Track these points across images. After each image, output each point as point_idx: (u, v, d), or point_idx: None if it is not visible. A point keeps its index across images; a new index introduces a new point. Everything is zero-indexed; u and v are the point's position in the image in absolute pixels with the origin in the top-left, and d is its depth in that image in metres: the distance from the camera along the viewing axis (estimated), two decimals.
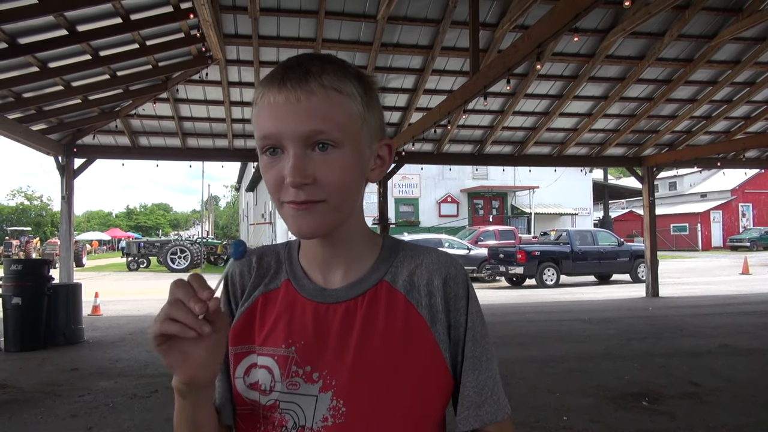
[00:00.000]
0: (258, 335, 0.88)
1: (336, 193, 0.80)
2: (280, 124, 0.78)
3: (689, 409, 4.63)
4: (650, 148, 12.61)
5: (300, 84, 0.78)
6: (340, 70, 0.81)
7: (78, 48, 7.05)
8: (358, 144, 0.82)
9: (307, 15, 7.64)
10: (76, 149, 10.23)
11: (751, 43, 9.04)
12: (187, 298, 0.70)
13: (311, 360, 0.84)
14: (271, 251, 0.96)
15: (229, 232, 59.34)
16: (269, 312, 0.89)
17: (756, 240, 32.79)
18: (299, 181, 0.77)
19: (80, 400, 5.01)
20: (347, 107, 0.80)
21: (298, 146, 0.78)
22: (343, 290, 0.87)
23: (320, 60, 0.81)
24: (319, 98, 0.78)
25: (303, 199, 0.79)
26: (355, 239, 0.89)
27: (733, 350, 6.90)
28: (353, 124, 0.81)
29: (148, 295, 15.21)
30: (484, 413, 0.86)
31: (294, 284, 0.90)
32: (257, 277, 0.92)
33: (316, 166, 0.78)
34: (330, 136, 0.78)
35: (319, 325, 0.85)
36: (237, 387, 0.88)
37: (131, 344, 7.69)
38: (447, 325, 0.86)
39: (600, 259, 16.57)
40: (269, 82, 0.80)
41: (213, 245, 30.55)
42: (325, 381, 0.83)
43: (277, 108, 0.78)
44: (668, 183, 40.92)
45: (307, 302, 0.87)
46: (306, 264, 0.91)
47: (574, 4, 4.28)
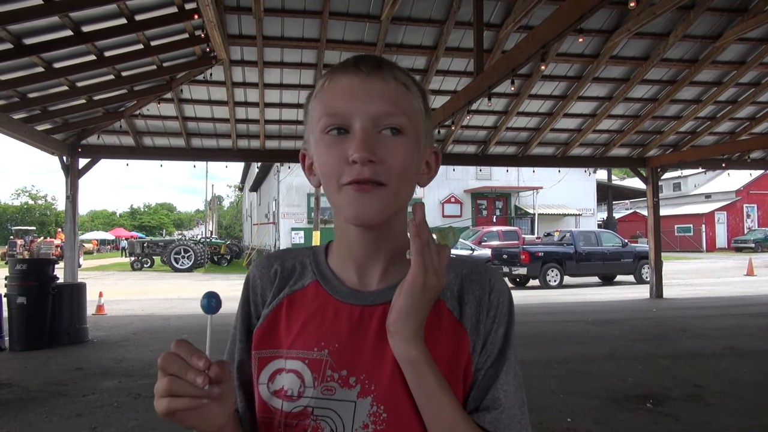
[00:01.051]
0: (285, 338, 0.85)
1: (397, 178, 0.79)
2: (351, 103, 0.79)
3: (693, 411, 4.62)
4: (654, 149, 12.58)
5: (374, 69, 0.81)
6: (407, 73, 0.85)
7: (83, 48, 7.07)
8: (417, 139, 0.83)
9: (311, 15, 7.65)
10: (80, 149, 10.26)
11: (757, 44, 9.01)
12: (183, 372, 0.67)
13: (347, 364, 0.81)
14: (292, 254, 0.94)
15: (233, 231, 59.39)
16: (296, 314, 0.86)
17: (761, 241, 32.66)
18: (366, 156, 0.76)
19: (84, 400, 5.02)
20: (412, 101, 0.83)
21: (367, 124, 0.78)
22: (380, 293, 0.85)
23: (391, 61, 0.85)
24: (390, 86, 0.81)
25: (367, 176, 0.77)
26: (397, 240, 0.86)
27: (737, 352, 6.87)
28: (417, 119, 0.83)
29: (151, 294, 15.25)
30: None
31: (324, 285, 0.87)
32: (281, 280, 0.90)
33: (381, 147, 0.78)
34: (398, 121, 0.79)
35: (355, 327, 0.83)
36: (261, 394, 0.84)
37: (135, 344, 7.71)
38: (484, 336, 0.84)
39: (604, 260, 16.54)
40: (340, 67, 0.83)
41: (216, 245, 30.61)
42: (364, 386, 0.80)
43: (350, 87, 0.80)
44: (672, 184, 40.81)
45: (341, 304, 0.85)
46: (338, 265, 0.89)
47: (579, 5, 4.27)
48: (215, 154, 11.63)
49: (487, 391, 0.83)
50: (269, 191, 29.76)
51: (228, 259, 30.13)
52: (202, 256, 27.15)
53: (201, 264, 27.12)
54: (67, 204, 10.35)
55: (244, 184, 46.78)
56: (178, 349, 0.69)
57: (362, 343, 0.82)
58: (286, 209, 25.74)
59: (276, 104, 9.88)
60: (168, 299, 13.87)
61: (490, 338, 0.84)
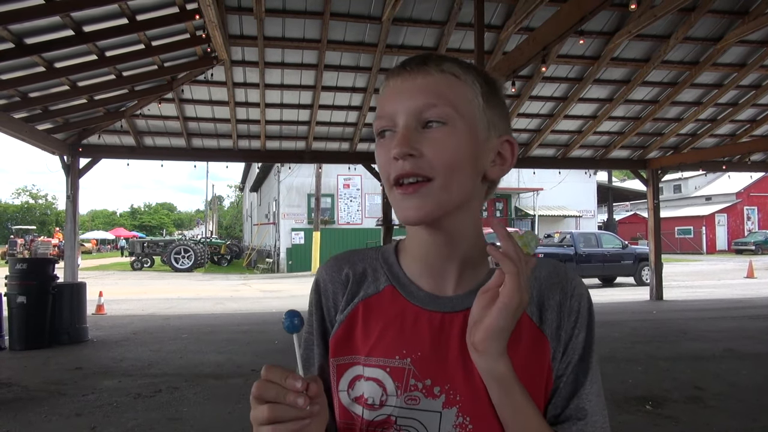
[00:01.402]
0: (362, 345, 0.83)
1: (442, 170, 0.77)
2: (395, 102, 0.79)
3: (693, 414, 4.62)
4: (655, 151, 12.58)
5: (418, 66, 0.80)
6: (461, 63, 0.82)
7: (84, 48, 7.08)
8: (471, 129, 0.79)
9: (312, 16, 7.65)
10: (81, 149, 10.26)
11: (757, 46, 9.02)
12: (282, 397, 0.65)
13: (431, 373, 0.79)
14: (360, 256, 0.91)
15: (233, 232, 59.41)
16: (374, 320, 0.84)
17: (761, 243, 32.63)
18: (404, 151, 0.76)
19: (84, 399, 5.02)
20: (462, 90, 0.80)
21: (409, 120, 0.78)
22: (459, 299, 0.82)
23: (443, 55, 0.83)
24: (434, 78, 0.79)
25: (406, 171, 0.76)
26: (470, 241, 0.83)
27: (737, 354, 6.87)
28: (468, 107, 0.79)
29: (151, 294, 15.25)
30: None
31: (400, 290, 0.85)
32: (354, 284, 0.87)
33: (423, 141, 0.77)
34: (441, 111, 0.77)
35: (436, 335, 0.80)
36: (342, 401, 0.82)
37: (135, 343, 7.71)
38: (564, 342, 0.82)
39: (604, 261, 16.54)
40: (391, 71, 0.83)
41: (217, 245, 30.65)
42: (448, 396, 0.78)
43: (395, 88, 0.81)
44: (673, 186, 40.80)
45: (420, 310, 0.82)
46: (411, 268, 0.86)
47: (580, 7, 4.27)
48: (216, 154, 11.64)
49: (570, 399, 0.81)
50: (269, 192, 29.77)
51: (228, 260, 30.16)
52: (202, 256, 27.17)
53: (201, 264, 27.13)
54: (67, 203, 10.35)
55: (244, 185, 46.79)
56: (269, 374, 0.67)
57: (446, 351, 0.80)
58: (286, 210, 25.75)
59: (277, 105, 9.88)
60: (168, 299, 13.88)
61: (571, 344, 0.82)
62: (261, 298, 14.22)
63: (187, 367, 6.32)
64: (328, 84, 9.29)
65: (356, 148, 11.39)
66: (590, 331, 0.84)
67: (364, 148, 11.53)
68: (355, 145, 11.24)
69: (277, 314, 10.83)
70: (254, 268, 28.52)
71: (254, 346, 7.57)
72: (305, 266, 24.04)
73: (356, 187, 26.17)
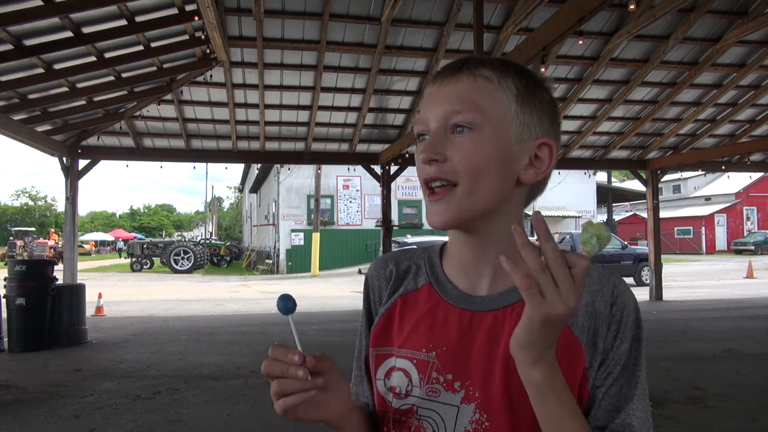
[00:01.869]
0: (397, 337, 0.87)
1: (467, 175, 0.78)
2: (428, 109, 0.83)
3: (693, 414, 4.61)
4: (654, 151, 12.58)
5: (452, 73, 0.82)
6: (500, 65, 0.83)
7: (83, 50, 7.07)
8: (500, 133, 0.80)
9: (311, 17, 7.65)
10: (80, 150, 10.26)
11: (756, 46, 9.02)
12: (285, 371, 0.73)
13: (453, 368, 0.81)
14: (407, 255, 0.95)
15: (233, 233, 59.38)
16: (409, 314, 0.88)
17: (761, 244, 32.62)
18: (428, 156, 0.79)
19: (83, 401, 5.02)
20: (494, 95, 0.81)
21: (437, 126, 0.81)
22: (491, 299, 0.84)
23: (485, 57, 0.85)
24: (464, 84, 0.81)
25: (432, 175, 0.80)
26: (506, 244, 0.81)
27: (737, 355, 6.87)
28: (497, 111, 0.80)
29: (151, 296, 15.24)
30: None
31: (437, 288, 0.88)
32: (396, 280, 0.92)
33: (449, 146, 0.80)
34: (466, 117, 0.79)
35: (464, 332, 0.82)
36: (379, 389, 0.88)
37: (135, 345, 7.70)
38: (603, 351, 0.80)
39: (603, 262, 16.52)
40: (432, 77, 0.86)
41: (216, 246, 30.63)
42: (468, 392, 0.80)
43: (430, 95, 0.84)
44: (672, 186, 40.80)
45: (451, 308, 0.85)
46: (450, 268, 0.89)
47: (579, 7, 4.27)
48: (215, 156, 11.63)
49: (616, 413, 0.79)
50: (269, 193, 29.77)
51: (228, 261, 30.15)
52: (201, 258, 27.16)
53: (201, 265, 27.12)
54: (66, 205, 10.35)
55: (243, 186, 46.79)
56: (274, 353, 0.75)
57: (470, 348, 0.81)
58: (285, 211, 25.74)
59: (276, 106, 9.88)
60: (167, 300, 13.87)
61: (612, 354, 0.80)
62: (261, 300, 14.21)
63: (186, 369, 6.31)
64: (327, 85, 9.29)
65: (356, 149, 11.39)
66: (636, 342, 0.81)
67: (364, 149, 11.53)
68: (354, 146, 11.24)
69: (276, 315, 10.81)
70: (254, 269, 28.51)
71: (254, 347, 7.56)
72: (305, 267, 24.02)
73: (356, 188, 26.18)
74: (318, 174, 23.63)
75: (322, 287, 17.72)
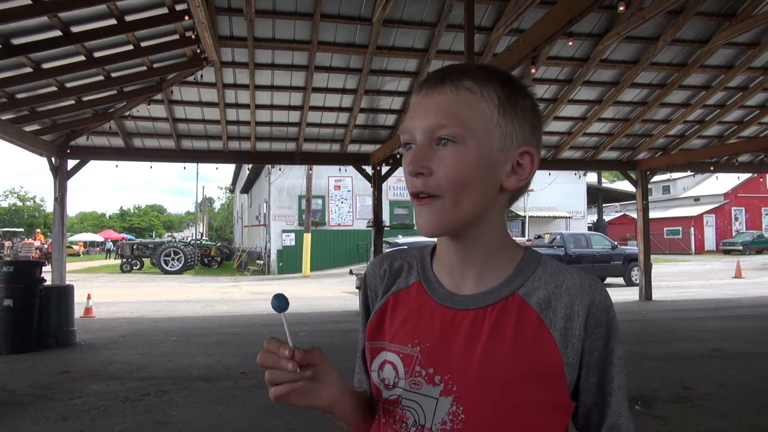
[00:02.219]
0: (389, 332, 0.92)
1: (451, 188, 0.82)
2: (413, 120, 0.85)
3: (682, 413, 4.64)
4: (644, 152, 12.66)
5: (436, 84, 0.84)
6: (483, 75, 0.85)
7: (72, 49, 7.02)
8: (483, 144, 0.83)
9: (302, 17, 7.64)
10: (69, 150, 10.18)
11: (744, 48, 9.10)
12: (276, 363, 0.79)
13: (434, 363, 0.85)
14: (402, 254, 1.00)
15: (224, 233, 59.12)
16: (399, 311, 0.92)
17: (749, 244, 32.93)
18: (413, 169, 0.83)
19: (71, 403, 4.97)
20: (477, 106, 0.83)
21: (422, 138, 0.83)
22: (474, 298, 0.88)
23: (468, 66, 0.87)
24: (448, 96, 0.83)
25: (418, 189, 0.83)
26: (489, 248, 0.89)
27: (725, 354, 6.92)
28: (480, 123, 0.83)
29: (141, 297, 15.15)
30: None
31: (425, 287, 0.92)
32: (390, 279, 0.97)
33: (434, 159, 0.82)
34: (450, 131, 0.81)
35: (446, 329, 0.87)
36: (374, 380, 0.93)
37: (124, 347, 7.64)
38: (581, 351, 0.85)
39: (594, 262, 16.62)
40: (417, 86, 0.89)
41: (207, 247, 30.49)
42: (447, 385, 0.84)
43: (415, 105, 0.86)
44: (662, 187, 41.09)
45: (437, 306, 0.89)
46: (439, 268, 0.93)
47: (569, 9, 4.29)
48: (206, 156, 11.59)
49: (604, 418, 0.88)
50: (260, 193, 29.68)
51: (218, 261, 30.03)
52: (192, 258, 27.03)
53: (191, 266, 27.00)
54: (55, 205, 10.27)
55: (234, 186, 46.63)
56: (268, 345, 0.81)
57: (451, 345, 0.85)
58: (277, 211, 25.68)
59: (267, 106, 9.85)
60: (157, 301, 13.79)
61: (588, 356, 0.85)
62: (251, 300, 14.16)
63: (175, 370, 6.27)
64: (318, 85, 9.27)
65: (347, 150, 11.38)
66: (610, 342, 0.86)
67: (355, 150, 11.52)
68: (345, 146, 11.23)
69: (267, 316, 10.79)
70: (245, 269, 28.41)
71: (244, 348, 7.53)
72: (296, 268, 23.97)
73: (347, 189, 26.16)
74: (309, 174, 23.60)
75: (313, 288, 17.68)
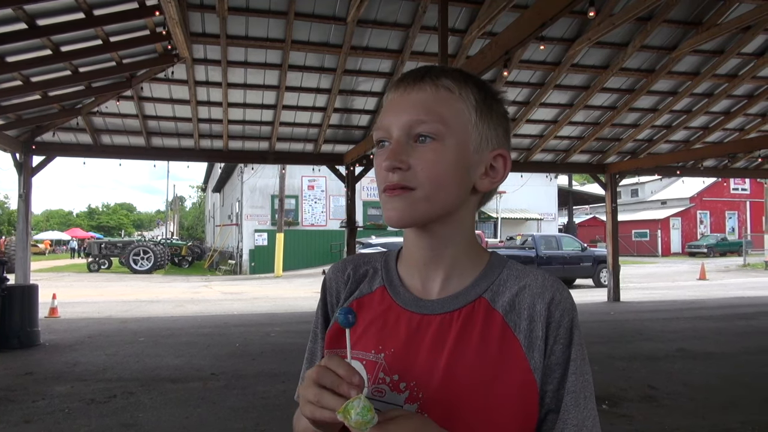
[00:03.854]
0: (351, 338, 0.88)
1: (427, 182, 0.80)
2: (390, 116, 0.84)
3: (647, 413, 4.74)
4: (613, 156, 12.89)
5: (415, 81, 0.84)
6: (459, 76, 0.85)
7: (38, 42, 6.84)
8: (461, 143, 0.82)
9: (276, 16, 7.58)
10: (34, 146, 9.93)
11: (710, 56, 9.34)
12: (335, 386, 0.71)
13: (399, 369, 0.83)
14: (366, 259, 0.97)
15: (195, 233, 58.31)
16: (362, 316, 0.88)
17: (713, 246, 33.81)
18: (391, 164, 0.81)
19: (34, 406, 4.85)
20: (456, 105, 0.83)
21: (400, 134, 0.82)
22: (440, 302, 0.86)
23: (445, 67, 0.86)
24: (427, 93, 0.82)
25: (395, 182, 0.81)
26: (458, 248, 0.87)
27: (689, 354, 7.09)
28: (459, 122, 0.82)
29: (109, 297, 14.85)
30: None
31: (389, 291, 0.90)
32: (353, 283, 0.94)
33: (412, 155, 0.81)
34: (430, 128, 0.81)
35: (412, 335, 0.84)
36: None
37: (90, 348, 7.49)
38: (544, 352, 0.82)
39: (564, 263, 16.86)
40: (393, 83, 0.87)
41: (178, 246, 30.04)
42: (412, 392, 0.81)
43: (392, 102, 0.85)
44: (630, 190, 41.90)
45: (402, 311, 0.87)
46: (404, 271, 0.91)
47: (541, 13, 4.34)
48: (177, 154, 11.42)
49: (561, 419, 0.82)
50: (233, 192, 29.37)
51: (189, 261, 29.61)
52: (162, 258, 26.61)
53: (161, 265, 26.58)
54: (19, 203, 10.00)
55: (206, 185, 46.05)
56: (330, 363, 0.73)
57: (417, 351, 0.83)
58: (249, 211, 25.45)
59: (240, 104, 9.75)
60: (126, 302, 13.54)
61: (553, 358, 0.83)
62: (222, 300, 14.00)
63: (143, 371, 6.17)
64: (292, 84, 9.22)
65: (321, 150, 11.34)
66: (572, 347, 0.84)
67: (329, 150, 11.48)
68: (319, 146, 11.18)
69: (238, 316, 10.69)
70: (216, 269, 28.08)
71: (214, 349, 7.44)
72: (268, 268, 23.78)
73: (321, 189, 26.06)
74: (282, 174, 23.43)
75: (285, 288, 17.57)
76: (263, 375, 5.99)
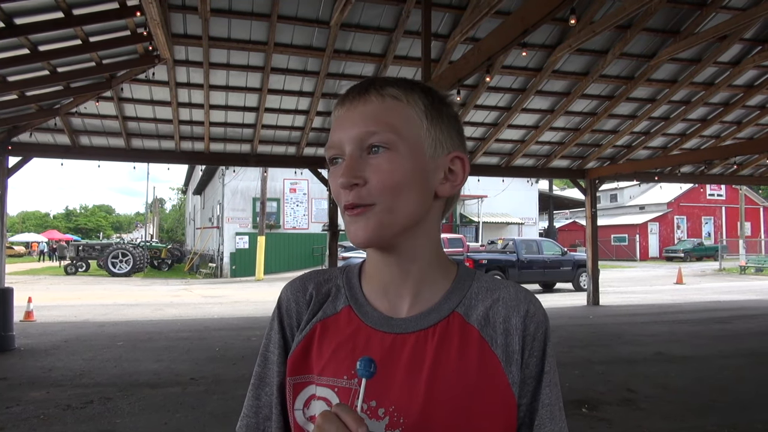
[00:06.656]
0: (316, 363, 0.83)
1: (385, 194, 0.78)
2: (339, 132, 0.81)
3: (626, 416, 4.79)
4: (593, 161, 13.05)
5: (360, 94, 0.82)
6: (405, 84, 0.83)
7: (15, 41, 6.71)
8: (415, 150, 0.80)
9: (259, 18, 7.55)
10: (11, 147, 9.74)
11: (687, 64, 9.51)
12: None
13: (376, 394, 0.78)
14: (326, 276, 0.91)
15: (175, 235, 57.71)
16: (329, 340, 0.84)
17: (689, 251, 34.41)
18: (347, 181, 0.78)
19: (8, 412, 4.75)
20: (405, 112, 0.81)
21: (352, 148, 0.80)
22: (413, 320, 0.82)
23: (389, 78, 0.84)
24: (375, 104, 0.80)
25: (352, 201, 0.78)
26: (426, 261, 0.84)
27: (667, 357, 7.19)
28: (410, 129, 0.80)
29: (86, 300, 14.62)
30: None
31: (356, 311, 0.85)
32: (315, 304, 0.88)
33: (366, 168, 0.79)
34: (382, 138, 0.78)
35: (386, 356, 0.80)
36: (297, 419, 0.83)
37: (66, 352, 7.36)
38: (517, 365, 0.81)
39: (544, 267, 16.99)
40: (338, 100, 0.85)
41: (157, 249, 29.71)
42: (392, 418, 0.77)
43: (339, 118, 0.83)
44: (609, 195, 42.44)
45: (373, 331, 0.82)
46: (369, 289, 0.87)
47: (523, 20, 4.38)
48: (157, 156, 11.28)
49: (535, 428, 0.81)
50: (214, 195, 29.12)
51: (169, 264, 29.30)
52: (141, 261, 26.29)
53: (140, 268, 26.25)
54: None
55: (187, 187, 45.62)
56: (338, 410, 0.68)
57: (393, 373, 0.79)
58: (230, 213, 25.26)
59: (221, 106, 9.68)
60: (104, 305, 13.34)
61: (527, 371, 0.82)
62: (203, 304, 13.86)
63: (121, 377, 6.08)
64: (274, 87, 9.18)
65: (303, 153, 11.30)
66: (545, 359, 0.83)
67: (311, 153, 11.44)
68: (301, 149, 11.15)
69: (218, 320, 10.59)
70: (196, 273, 27.79)
71: (194, 353, 7.36)
72: (249, 271, 23.62)
73: (303, 192, 25.96)
74: (264, 177, 23.31)
75: (266, 292, 17.45)
76: (244, 380, 5.94)
